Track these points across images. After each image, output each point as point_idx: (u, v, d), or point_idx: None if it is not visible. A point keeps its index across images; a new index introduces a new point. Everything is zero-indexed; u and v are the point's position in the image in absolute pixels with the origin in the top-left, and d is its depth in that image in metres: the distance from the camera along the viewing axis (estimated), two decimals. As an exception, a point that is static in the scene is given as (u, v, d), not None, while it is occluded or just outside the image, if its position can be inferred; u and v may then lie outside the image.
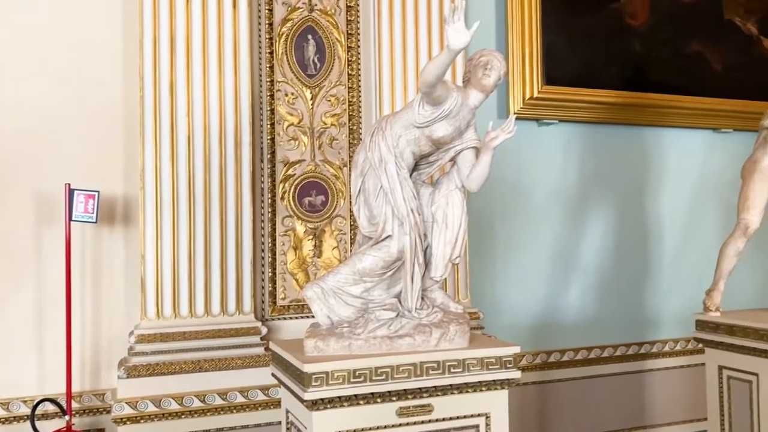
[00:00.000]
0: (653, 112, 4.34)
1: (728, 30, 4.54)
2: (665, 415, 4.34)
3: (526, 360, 4.05)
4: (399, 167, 2.50)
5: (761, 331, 3.00)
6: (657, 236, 4.46)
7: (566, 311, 4.23)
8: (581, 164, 4.29)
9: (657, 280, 4.43)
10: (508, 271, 4.09)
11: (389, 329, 2.45)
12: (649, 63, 4.31)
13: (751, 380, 3.08)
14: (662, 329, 4.42)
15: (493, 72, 2.55)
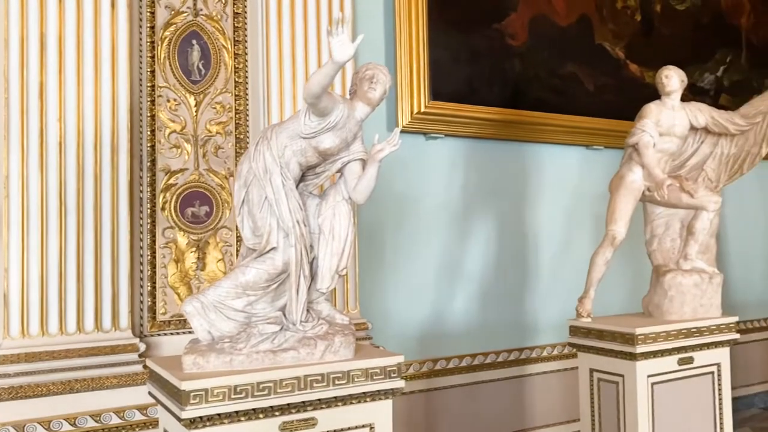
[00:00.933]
0: (532, 129, 4.57)
1: (599, 53, 4.88)
2: (544, 417, 4.55)
3: (414, 369, 4.12)
4: (285, 178, 2.47)
5: (626, 335, 3.22)
6: (536, 246, 4.69)
7: (452, 319, 4.35)
8: (466, 177, 4.44)
9: (536, 288, 4.65)
10: (398, 282, 4.15)
11: (273, 343, 2.40)
12: (528, 82, 4.54)
13: (618, 381, 3.29)
14: (541, 335, 4.64)
15: (378, 86, 2.58)
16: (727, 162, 3.78)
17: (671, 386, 3.34)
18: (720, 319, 3.48)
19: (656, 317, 3.51)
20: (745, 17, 5.70)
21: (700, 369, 3.44)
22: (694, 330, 3.39)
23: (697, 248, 3.58)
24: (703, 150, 3.77)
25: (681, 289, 3.48)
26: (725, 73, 5.54)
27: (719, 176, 3.78)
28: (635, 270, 4.51)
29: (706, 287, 3.54)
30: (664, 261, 3.67)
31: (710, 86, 5.45)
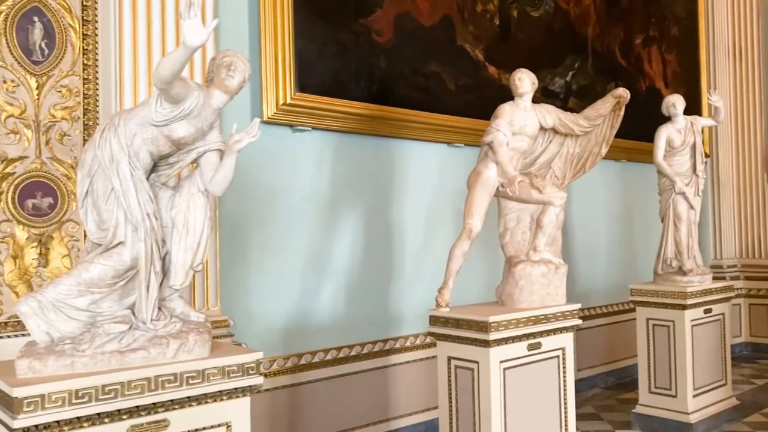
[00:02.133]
0: (398, 125, 4.66)
1: (460, 54, 5.07)
2: (407, 406, 4.68)
3: (278, 364, 4.07)
4: (134, 168, 2.34)
5: (480, 323, 3.38)
6: (400, 239, 4.80)
7: (318, 313, 4.34)
8: (333, 171, 4.45)
9: (400, 280, 4.77)
10: (262, 277, 4.08)
11: (120, 343, 2.27)
12: (394, 79, 4.63)
13: (473, 367, 3.45)
14: (405, 326, 4.76)
15: (237, 74, 2.51)
16: (572, 160, 4.08)
17: (521, 370, 3.55)
18: (565, 307, 3.75)
19: (508, 306, 3.71)
20: (592, 27, 6.18)
21: (547, 353, 3.68)
22: (542, 317, 3.62)
23: (545, 240, 3.82)
24: (551, 149, 4.04)
25: (530, 279, 3.70)
26: (573, 78, 5.97)
27: (565, 174, 4.07)
28: (492, 261, 4.75)
29: (553, 277, 3.79)
30: (515, 253, 3.89)
31: (560, 89, 5.85)
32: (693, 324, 4.76)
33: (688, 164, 4.98)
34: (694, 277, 4.84)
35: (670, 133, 4.94)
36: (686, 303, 4.68)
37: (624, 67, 6.52)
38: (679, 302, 4.70)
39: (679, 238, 4.91)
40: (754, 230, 7.68)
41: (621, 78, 6.34)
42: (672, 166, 4.93)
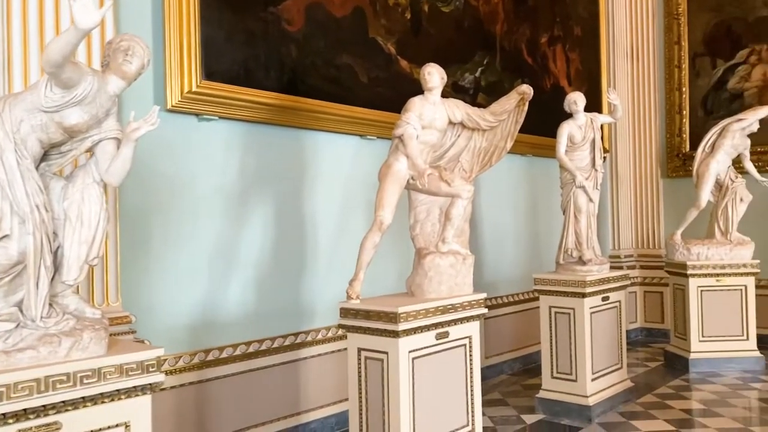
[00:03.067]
0: (309, 117, 4.61)
1: (373, 47, 5.08)
2: (318, 399, 4.67)
3: (184, 361, 3.95)
4: (21, 156, 2.20)
5: (390, 314, 3.41)
6: (313, 232, 4.77)
7: (227, 307, 4.25)
8: (243, 162, 4.35)
9: (313, 273, 4.74)
10: (167, 270, 3.94)
11: (6, 343, 2.14)
12: (305, 69, 4.58)
13: (383, 358, 3.48)
14: (317, 318, 4.74)
15: (135, 59, 2.40)
16: (479, 154, 4.18)
17: (429, 359, 3.62)
18: (471, 296, 3.85)
19: (417, 296, 3.77)
20: (500, 25, 6.36)
21: (454, 342, 3.77)
22: (449, 307, 3.70)
23: (453, 232, 3.91)
24: (459, 143, 4.12)
25: (439, 270, 3.77)
26: (482, 74, 6.12)
27: (472, 167, 4.17)
28: (403, 253, 4.81)
29: (461, 267, 3.88)
30: (425, 244, 3.95)
31: (470, 85, 5.99)
32: (592, 311, 5.00)
33: (588, 159, 5.21)
34: (593, 267, 5.09)
35: (571, 129, 5.15)
36: (585, 291, 4.91)
37: (530, 64, 6.75)
38: (578, 290, 4.94)
39: (579, 229, 5.15)
40: (649, 223, 8.17)
41: (527, 75, 6.56)
42: (573, 160, 5.15)
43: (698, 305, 6.31)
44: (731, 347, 6.30)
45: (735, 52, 7.55)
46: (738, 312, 6.32)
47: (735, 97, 7.53)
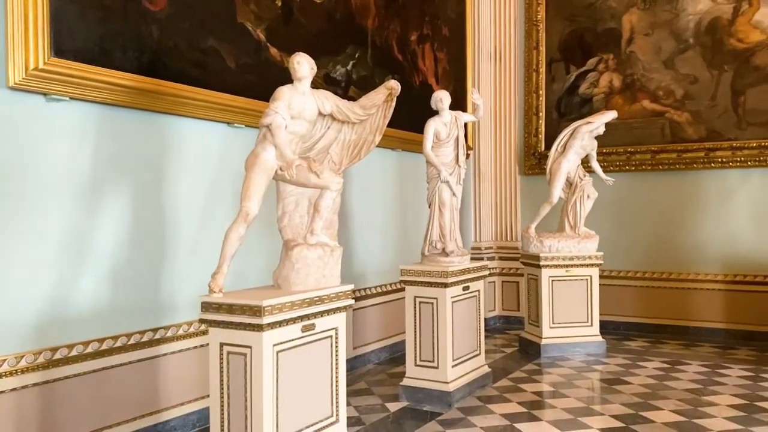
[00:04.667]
0: (172, 101, 4.40)
1: (241, 32, 4.94)
2: (179, 396, 4.49)
3: (27, 360, 3.64)
4: None
5: (254, 308, 3.35)
6: (175, 223, 4.56)
7: (78, 303, 3.96)
8: (97, 146, 4.06)
9: (174, 266, 4.54)
10: (6, 263, 3.59)
11: None
12: (168, 51, 4.36)
13: (246, 353, 3.41)
14: (179, 313, 4.55)
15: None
16: (349, 147, 4.20)
17: (295, 352, 3.60)
18: (339, 288, 3.87)
19: (284, 289, 3.73)
20: (371, 19, 6.42)
21: (320, 334, 3.78)
22: (316, 299, 3.70)
23: (321, 224, 3.90)
24: (329, 135, 4.12)
25: (306, 262, 3.76)
26: (354, 68, 6.16)
27: (342, 160, 4.18)
28: (271, 245, 4.73)
29: (328, 259, 3.89)
30: (293, 236, 3.91)
31: (342, 78, 6.00)
32: (453, 300, 5.22)
33: (453, 155, 5.41)
34: (455, 258, 5.30)
35: (437, 126, 5.32)
36: (447, 281, 5.11)
37: (400, 61, 6.88)
38: (441, 281, 5.12)
39: (443, 222, 5.34)
40: (507, 217, 8.65)
41: (398, 71, 6.69)
42: (438, 156, 5.32)
43: (549, 294, 6.78)
44: (577, 333, 6.84)
45: (586, 60, 8.16)
46: (584, 300, 6.87)
47: (585, 102, 8.16)
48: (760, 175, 7.10)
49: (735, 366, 6.13)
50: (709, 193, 7.55)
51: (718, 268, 7.48)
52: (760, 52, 7.20)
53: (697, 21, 7.52)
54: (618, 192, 7.62)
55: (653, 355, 6.69)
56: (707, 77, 7.46)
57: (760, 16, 7.20)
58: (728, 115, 7.37)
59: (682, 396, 5.23)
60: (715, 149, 7.43)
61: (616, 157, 7.91)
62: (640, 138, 7.82)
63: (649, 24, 7.77)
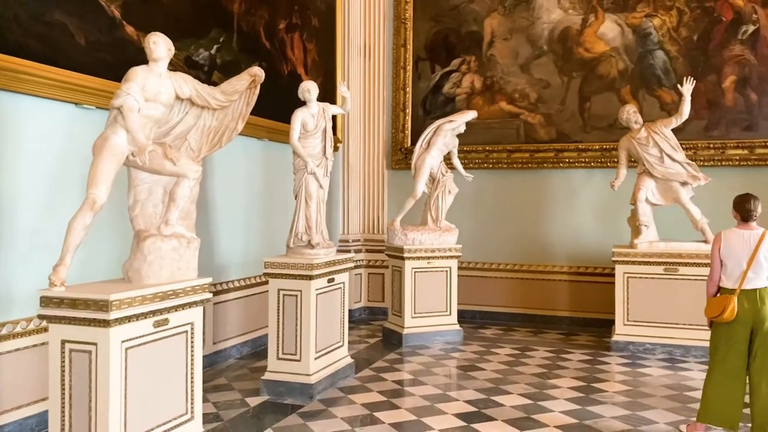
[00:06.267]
0: (9, 77, 4.01)
1: (93, 7, 4.59)
2: (15, 399, 4.11)
3: None
4: None
5: (100, 302, 3.14)
6: (12, 210, 4.16)
7: None
8: None
9: (10, 258, 4.14)
10: None
11: None
12: (5, 22, 3.96)
13: (91, 350, 3.19)
14: (15, 309, 4.16)
15: None
16: (209, 134, 4.05)
17: (146, 349, 3.42)
18: (195, 281, 3.72)
19: (135, 282, 3.53)
20: (237, 4, 6.23)
21: (175, 329, 3.61)
22: (170, 292, 3.54)
23: (177, 214, 3.74)
24: (187, 120, 3.94)
25: (160, 254, 3.58)
26: (218, 52, 5.95)
27: (201, 147, 4.02)
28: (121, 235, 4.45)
29: (184, 251, 3.73)
30: (146, 226, 3.71)
31: (205, 62, 5.77)
32: (318, 293, 5.21)
33: (320, 147, 5.39)
34: (320, 250, 5.29)
35: (304, 117, 5.28)
36: (312, 274, 5.09)
37: (268, 49, 6.74)
38: (306, 273, 5.09)
39: (309, 214, 5.31)
40: (375, 210, 8.78)
41: (265, 59, 6.55)
42: (306, 147, 5.28)
43: (412, 285, 6.98)
44: (437, 322, 7.10)
45: (450, 60, 8.46)
46: (444, 290, 7.15)
47: (449, 101, 8.46)
48: (602, 175, 7.73)
49: (576, 351, 6.66)
50: (558, 191, 8.12)
51: (564, 261, 8.07)
52: (604, 62, 7.84)
53: (550, 29, 8.05)
54: (477, 188, 7.99)
55: (505, 342, 7.10)
56: (558, 83, 8.01)
57: (605, 28, 7.84)
58: (575, 119, 7.96)
59: (530, 380, 5.59)
60: (564, 150, 8.00)
61: (475, 155, 8.29)
62: (498, 137, 8.25)
63: (508, 29, 8.21)
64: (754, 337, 4.07)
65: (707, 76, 7.37)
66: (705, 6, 7.46)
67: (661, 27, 7.61)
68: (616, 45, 7.78)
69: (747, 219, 4.19)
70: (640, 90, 7.68)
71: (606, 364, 6.15)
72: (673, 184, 6.61)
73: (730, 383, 4.12)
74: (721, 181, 6.85)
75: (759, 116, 7.29)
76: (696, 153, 7.30)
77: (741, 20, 7.33)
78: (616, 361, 6.23)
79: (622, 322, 6.64)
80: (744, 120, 7.34)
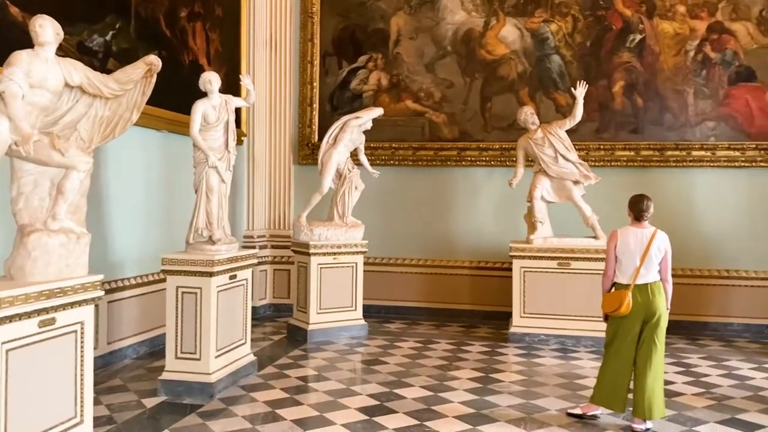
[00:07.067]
0: None
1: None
2: None
3: None
4: None
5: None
6: None
7: None
8: None
9: None
10: None
11: None
12: None
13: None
14: None
15: None
16: (101, 124, 3.86)
17: (30, 350, 3.23)
18: (85, 279, 3.55)
19: (18, 280, 3.32)
20: (135, -11, 5.97)
21: (62, 329, 3.43)
22: (58, 290, 3.35)
23: (66, 208, 3.55)
24: (78, 109, 3.74)
25: (46, 250, 3.39)
26: (114, 39, 5.67)
27: (92, 137, 3.82)
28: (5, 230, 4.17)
29: (74, 247, 3.54)
30: (30, 221, 3.50)
31: (99, 48, 5.49)
32: (219, 290, 5.09)
33: (222, 140, 5.26)
34: (222, 246, 5.17)
35: (206, 109, 5.14)
36: (213, 270, 4.97)
37: (168, 37, 6.50)
38: (206, 270, 4.97)
39: (210, 209, 5.18)
40: (281, 205, 8.68)
41: (165, 48, 6.32)
42: (207, 140, 5.14)
43: (318, 281, 6.97)
44: (343, 317, 7.13)
45: (357, 57, 8.49)
46: (349, 286, 7.18)
47: (356, 97, 8.49)
48: (501, 174, 8.01)
49: (476, 343, 6.89)
50: (460, 188, 8.35)
51: (466, 256, 8.31)
52: (505, 64, 8.13)
53: (454, 30, 8.25)
54: (383, 184, 8.07)
55: (409, 335, 7.23)
56: (461, 83, 8.23)
57: (505, 32, 8.13)
58: (477, 119, 8.21)
59: (431, 372, 5.73)
60: (466, 149, 8.23)
61: (382, 151, 8.37)
62: (404, 135, 8.37)
63: (414, 28, 8.34)
64: (644, 327, 4.37)
65: (599, 80, 7.81)
66: (597, 14, 7.90)
67: (557, 32, 7.99)
68: (516, 48, 8.09)
69: (640, 218, 4.49)
70: (537, 92, 8.03)
71: (503, 355, 6.40)
72: (566, 183, 6.96)
73: (622, 370, 4.42)
74: (610, 180, 7.29)
75: (645, 120, 7.81)
76: (588, 153, 7.72)
77: (629, 29, 7.82)
78: (513, 352, 6.50)
79: (519, 314, 6.93)
80: (631, 123, 7.84)
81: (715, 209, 7.65)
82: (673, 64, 7.73)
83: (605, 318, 4.55)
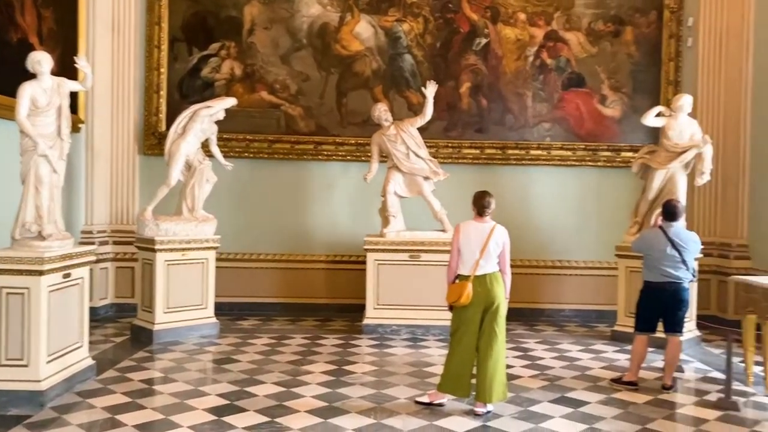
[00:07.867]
0: None
1: None
2: None
3: None
4: None
5: None
6: None
7: None
8: None
9: None
10: None
11: None
12: None
13: None
14: None
15: None
16: None
17: None
18: None
19: None
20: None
21: None
22: None
23: None
24: None
25: None
26: None
27: None
28: None
29: None
30: None
31: None
32: (50, 290, 4.68)
33: (54, 126, 4.84)
34: (54, 243, 4.75)
35: (34, 92, 4.69)
36: (43, 269, 4.56)
37: (-9, 10, 5.86)
38: (35, 268, 4.54)
39: (41, 202, 4.74)
40: (124, 198, 8.14)
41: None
42: (36, 126, 4.70)
43: (165, 279, 6.63)
44: (193, 316, 6.85)
45: (209, 44, 8.16)
46: (200, 283, 6.91)
47: (208, 85, 8.16)
48: (357, 169, 8.10)
49: (331, 336, 6.93)
50: (317, 182, 8.34)
51: (322, 250, 8.32)
52: (360, 61, 8.23)
53: (310, 23, 8.20)
54: (237, 177, 7.85)
55: (263, 332, 7.11)
56: (318, 77, 8.21)
57: (360, 28, 8.22)
58: (333, 114, 8.24)
59: (284, 368, 5.68)
60: (323, 143, 8.23)
61: (236, 143, 8.13)
62: (259, 127, 8.19)
63: (269, 19, 8.17)
64: (484, 316, 4.62)
65: (447, 81, 8.14)
66: (447, 17, 8.23)
67: (409, 32, 8.22)
68: (371, 45, 8.21)
69: (482, 213, 4.76)
70: (390, 90, 8.22)
71: (357, 347, 6.50)
72: (417, 179, 7.20)
73: (465, 358, 4.65)
74: (457, 176, 7.64)
75: (489, 120, 8.27)
76: (437, 151, 8.03)
77: (476, 33, 8.23)
78: (366, 344, 6.61)
79: (372, 306, 7.07)
80: (476, 123, 8.27)
81: (549, 204, 8.30)
82: (514, 68, 8.26)
83: (450, 308, 4.77)
